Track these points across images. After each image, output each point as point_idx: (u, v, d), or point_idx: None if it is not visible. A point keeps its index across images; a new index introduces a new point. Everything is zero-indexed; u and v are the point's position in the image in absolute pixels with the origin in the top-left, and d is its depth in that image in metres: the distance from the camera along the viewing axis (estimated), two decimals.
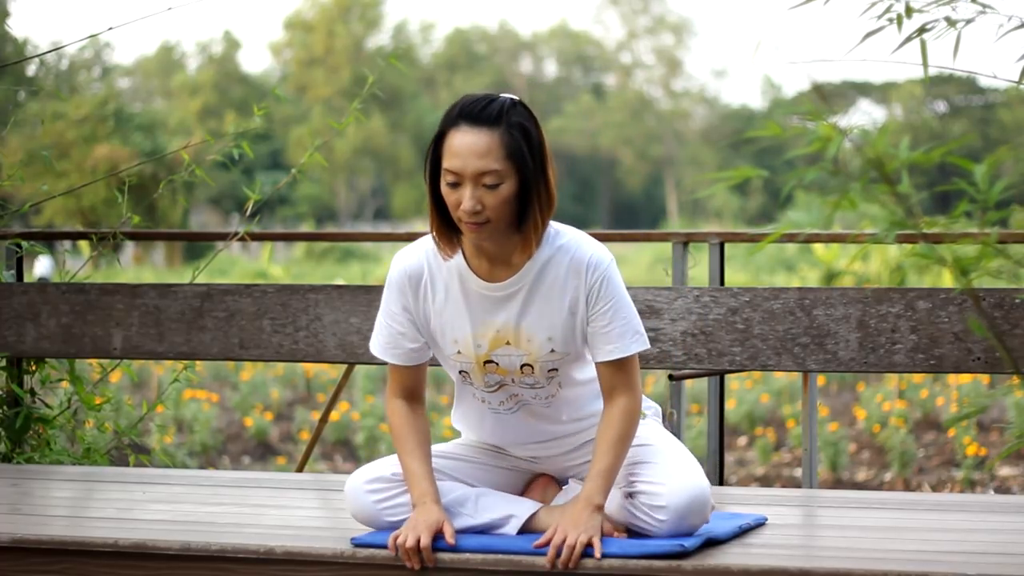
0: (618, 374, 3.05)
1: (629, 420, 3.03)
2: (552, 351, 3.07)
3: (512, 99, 2.99)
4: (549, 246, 3.05)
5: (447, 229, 3.03)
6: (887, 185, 2.19)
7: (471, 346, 3.09)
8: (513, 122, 2.95)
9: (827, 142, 2.17)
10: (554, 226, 3.07)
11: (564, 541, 2.90)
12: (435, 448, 3.21)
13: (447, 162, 2.95)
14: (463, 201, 2.93)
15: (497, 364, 3.10)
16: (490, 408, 3.19)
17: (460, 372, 3.16)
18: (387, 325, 3.14)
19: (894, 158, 2.17)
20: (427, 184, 3.01)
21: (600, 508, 2.97)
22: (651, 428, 3.20)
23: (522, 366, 3.09)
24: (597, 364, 3.08)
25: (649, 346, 3.11)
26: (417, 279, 3.10)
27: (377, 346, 3.17)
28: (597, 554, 2.90)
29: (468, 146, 2.93)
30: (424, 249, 3.11)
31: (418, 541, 2.95)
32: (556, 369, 3.10)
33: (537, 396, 3.14)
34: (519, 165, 2.94)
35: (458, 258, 3.07)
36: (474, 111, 2.95)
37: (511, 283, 3.05)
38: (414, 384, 3.17)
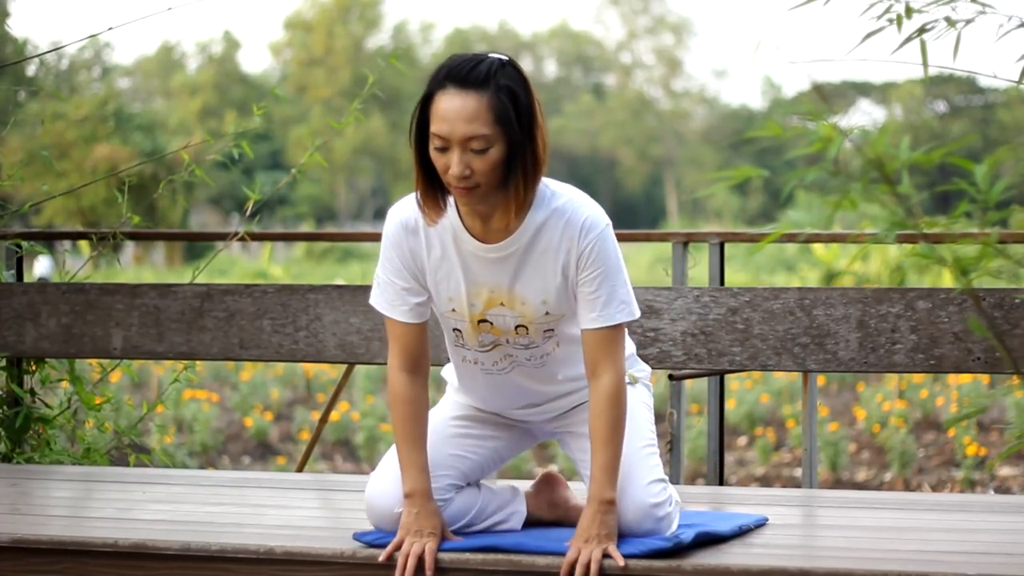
0: (600, 346, 2.97)
1: (617, 403, 2.96)
2: (547, 313, 3.01)
3: (501, 59, 2.89)
4: (545, 207, 2.96)
5: (433, 191, 2.94)
6: (887, 185, 2.19)
7: (465, 305, 3.02)
8: (501, 84, 2.85)
9: (828, 142, 2.17)
10: (552, 186, 2.99)
11: (576, 560, 2.87)
12: (436, 447, 3.13)
13: (435, 126, 2.86)
14: (451, 166, 2.84)
15: (491, 324, 3.03)
16: (482, 369, 3.11)
17: (454, 330, 3.08)
18: (390, 282, 3.04)
19: (895, 158, 2.17)
20: (412, 146, 2.91)
21: (611, 503, 2.93)
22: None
23: (517, 327, 3.03)
24: (582, 332, 3.00)
25: (637, 316, 3.01)
26: (414, 230, 3.01)
27: (384, 303, 3.06)
28: (620, 563, 2.86)
29: (455, 110, 2.84)
30: (419, 201, 2.99)
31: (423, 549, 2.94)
32: (552, 329, 3.04)
33: (532, 356, 3.07)
34: (507, 129, 2.84)
35: (452, 215, 2.98)
36: (461, 73, 2.85)
37: (505, 245, 2.97)
38: (418, 349, 3.06)
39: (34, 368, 4.70)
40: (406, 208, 3.02)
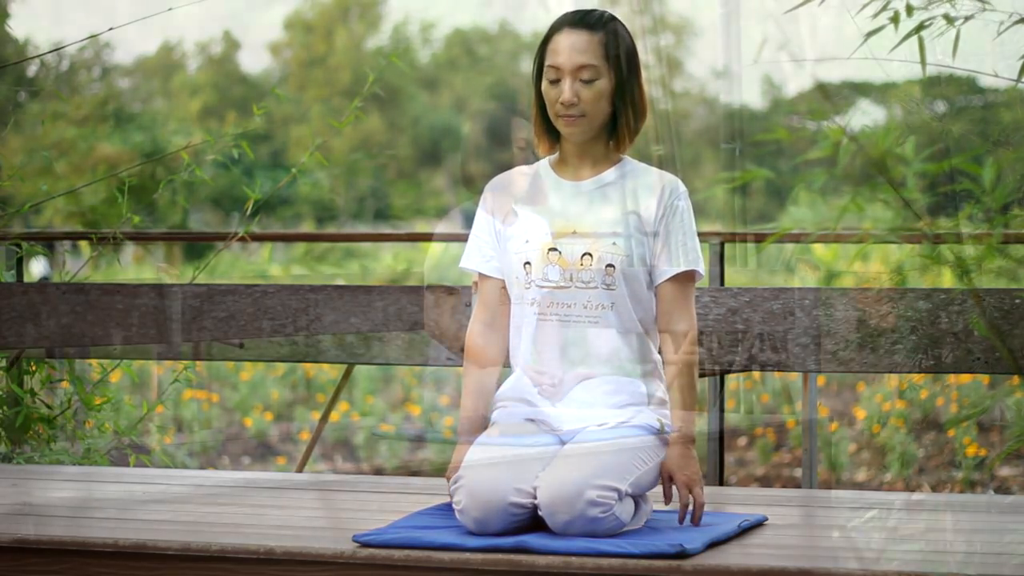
0: (679, 296, 3.21)
1: (693, 348, 3.20)
2: (614, 244, 3.19)
3: (613, 15, 3.26)
4: (633, 166, 3.29)
5: (548, 131, 3.26)
6: (892, 187, 2.19)
7: (540, 233, 3.22)
8: (611, 29, 3.22)
9: (836, 145, 2.17)
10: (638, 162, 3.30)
11: (689, 505, 3.13)
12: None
13: (549, 59, 3.20)
14: (562, 93, 3.16)
15: (560, 253, 3.20)
16: (537, 314, 3.21)
17: (524, 264, 3.22)
18: (474, 237, 3.34)
19: (902, 163, 2.17)
20: (534, 86, 3.25)
21: (693, 440, 3.16)
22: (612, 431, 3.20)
23: (583, 256, 3.19)
24: (660, 285, 3.21)
25: (704, 276, 3.28)
26: (503, 184, 3.32)
27: (470, 261, 3.33)
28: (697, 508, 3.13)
29: (570, 43, 3.19)
30: (515, 168, 3.35)
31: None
32: (613, 266, 3.18)
33: (588, 305, 3.18)
34: (614, 67, 3.19)
35: (545, 165, 3.29)
36: (576, 17, 3.23)
37: (591, 182, 3.25)
38: (496, 303, 3.29)
39: (34, 368, 4.69)
40: (501, 175, 3.35)
